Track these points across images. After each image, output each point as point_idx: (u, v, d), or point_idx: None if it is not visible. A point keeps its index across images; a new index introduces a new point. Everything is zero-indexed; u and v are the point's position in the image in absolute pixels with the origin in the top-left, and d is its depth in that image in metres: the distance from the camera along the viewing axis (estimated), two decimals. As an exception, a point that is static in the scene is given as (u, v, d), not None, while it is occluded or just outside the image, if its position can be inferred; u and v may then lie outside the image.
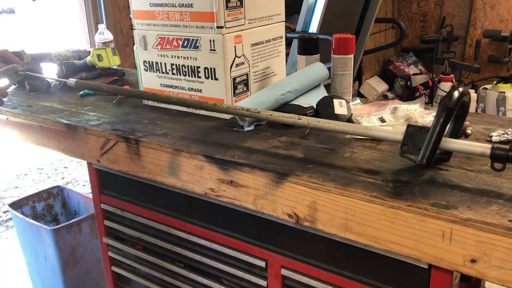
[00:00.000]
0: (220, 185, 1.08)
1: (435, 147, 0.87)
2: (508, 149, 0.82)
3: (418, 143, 0.89)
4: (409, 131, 0.92)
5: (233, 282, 1.25)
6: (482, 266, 0.78)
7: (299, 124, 1.04)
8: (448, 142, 0.90)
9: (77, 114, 1.45)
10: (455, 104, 0.86)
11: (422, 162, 0.86)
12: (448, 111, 0.86)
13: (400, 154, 0.94)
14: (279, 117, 1.06)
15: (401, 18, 5.72)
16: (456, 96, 0.86)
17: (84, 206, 2.32)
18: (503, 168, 0.84)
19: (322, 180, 0.93)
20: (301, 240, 1.07)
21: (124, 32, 3.05)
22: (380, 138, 0.98)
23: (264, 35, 1.38)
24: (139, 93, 1.31)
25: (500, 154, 0.83)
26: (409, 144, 0.92)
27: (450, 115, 0.87)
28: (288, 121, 1.05)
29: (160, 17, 1.35)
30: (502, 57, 5.02)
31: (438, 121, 0.86)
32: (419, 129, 0.91)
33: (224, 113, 1.21)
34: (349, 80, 1.42)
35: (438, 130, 0.86)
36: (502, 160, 0.83)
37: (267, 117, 1.08)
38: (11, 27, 3.72)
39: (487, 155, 0.85)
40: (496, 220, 0.76)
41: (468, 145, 0.88)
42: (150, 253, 1.43)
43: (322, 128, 1.03)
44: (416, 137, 0.91)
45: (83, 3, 2.86)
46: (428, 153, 0.87)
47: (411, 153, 0.91)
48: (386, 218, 0.86)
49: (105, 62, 1.80)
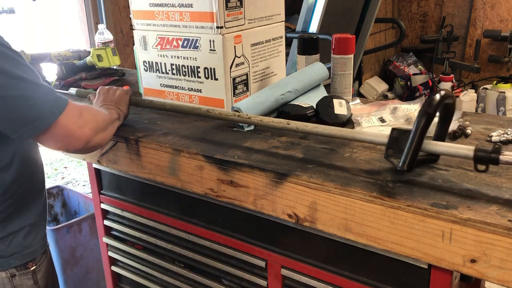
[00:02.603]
0: (220, 185, 1.08)
1: (416, 152, 0.88)
2: (490, 151, 0.83)
3: (402, 147, 0.90)
4: (394, 135, 0.93)
5: (233, 282, 1.26)
6: (482, 266, 0.78)
7: (288, 129, 1.06)
8: (433, 145, 0.91)
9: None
10: (435, 109, 0.87)
11: (403, 168, 0.88)
12: (427, 117, 0.87)
13: (385, 157, 0.95)
14: (269, 122, 1.09)
15: (401, 18, 5.72)
16: (436, 101, 0.87)
17: (84, 206, 2.32)
18: (486, 169, 0.85)
19: (322, 180, 0.93)
20: (301, 240, 1.07)
21: (124, 32, 3.05)
22: (367, 141, 0.99)
23: (264, 35, 1.38)
24: (135, 101, 1.34)
25: (482, 156, 0.84)
26: (394, 148, 0.93)
27: (429, 121, 0.87)
28: (277, 126, 1.08)
29: (160, 17, 1.35)
30: (502, 57, 5.02)
31: (418, 127, 0.87)
32: (403, 132, 0.92)
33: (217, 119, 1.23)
34: (349, 80, 1.42)
35: (418, 136, 0.87)
36: (485, 162, 0.84)
37: (257, 122, 1.10)
38: (11, 27, 3.73)
39: (470, 157, 0.85)
40: (496, 220, 0.76)
41: (452, 147, 0.89)
42: (150, 253, 1.43)
43: (310, 132, 1.05)
44: (400, 140, 0.92)
45: (83, 3, 2.86)
46: (409, 159, 0.88)
47: (396, 156, 0.92)
48: (386, 218, 0.86)
49: (105, 62, 1.80)
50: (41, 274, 1.21)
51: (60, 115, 0.99)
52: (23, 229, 1.16)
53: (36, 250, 1.20)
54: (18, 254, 1.15)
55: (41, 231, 1.23)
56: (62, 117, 1.00)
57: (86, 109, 1.09)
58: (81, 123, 1.04)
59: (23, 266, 1.17)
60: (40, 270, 1.21)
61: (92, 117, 1.09)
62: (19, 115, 0.97)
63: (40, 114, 0.98)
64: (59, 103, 1.01)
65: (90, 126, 1.06)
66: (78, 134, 1.03)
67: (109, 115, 1.18)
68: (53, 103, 0.99)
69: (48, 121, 0.98)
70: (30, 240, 1.18)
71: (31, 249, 1.18)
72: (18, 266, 1.16)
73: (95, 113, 1.12)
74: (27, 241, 1.17)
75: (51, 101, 0.99)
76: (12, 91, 0.95)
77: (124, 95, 1.30)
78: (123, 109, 1.27)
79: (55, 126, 1.00)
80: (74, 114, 1.03)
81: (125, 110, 1.28)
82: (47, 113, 0.98)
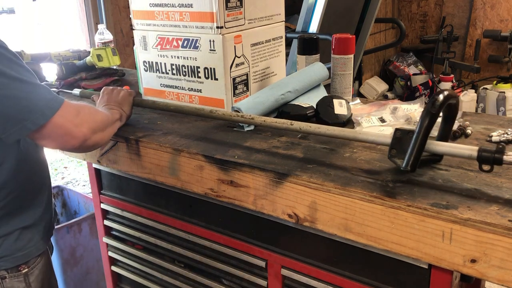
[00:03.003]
0: (220, 185, 1.08)
1: (419, 153, 0.88)
2: (494, 151, 0.83)
3: (405, 147, 0.90)
4: (397, 135, 0.93)
5: (233, 282, 1.25)
6: (482, 266, 0.78)
7: (292, 129, 1.06)
8: (436, 145, 0.91)
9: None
10: (438, 109, 0.87)
11: (407, 169, 0.87)
12: (431, 117, 0.87)
13: (389, 157, 0.94)
14: (272, 123, 1.09)
15: (401, 18, 5.72)
16: (439, 101, 0.87)
17: (84, 206, 2.32)
18: (490, 169, 0.85)
19: (322, 180, 0.93)
20: (301, 240, 1.07)
21: (124, 32, 3.05)
22: (369, 142, 0.99)
23: (264, 35, 1.38)
24: (139, 102, 1.34)
25: (487, 156, 0.84)
26: (397, 148, 0.93)
27: (433, 121, 0.87)
28: (280, 126, 1.08)
29: (160, 17, 1.35)
30: (502, 57, 5.02)
31: (421, 128, 0.87)
32: (406, 132, 0.92)
33: (220, 120, 1.23)
34: (349, 80, 1.42)
35: (422, 136, 0.87)
36: (489, 162, 0.84)
37: (261, 123, 1.10)
38: (11, 27, 3.72)
39: (474, 157, 0.85)
40: (496, 220, 0.76)
41: (456, 147, 0.89)
42: (150, 253, 1.43)
43: (313, 132, 1.05)
44: (403, 141, 0.92)
45: (83, 3, 2.86)
46: (412, 159, 0.87)
47: (399, 157, 0.92)
48: (386, 218, 0.86)
49: (105, 62, 1.80)
50: (34, 277, 1.19)
51: (54, 115, 0.99)
52: (15, 231, 1.14)
53: (30, 252, 1.17)
54: (9, 256, 1.13)
55: (38, 234, 1.20)
56: (56, 117, 0.99)
57: (84, 108, 1.09)
58: (78, 122, 1.04)
59: (14, 269, 1.15)
60: (33, 273, 1.18)
61: (90, 116, 1.09)
62: (8, 115, 0.97)
63: (30, 115, 0.97)
64: (52, 103, 1.00)
65: (87, 125, 1.05)
66: (74, 133, 1.03)
67: (110, 115, 1.18)
68: (45, 104, 0.99)
69: (38, 122, 0.98)
70: (24, 243, 1.16)
71: (24, 252, 1.16)
72: (8, 269, 1.14)
73: (94, 112, 1.12)
74: (20, 243, 1.15)
75: (43, 102, 0.99)
76: (3, 91, 0.95)
77: (128, 96, 1.30)
78: (126, 110, 1.27)
79: (48, 126, 0.99)
80: (71, 113, 1.03)
81: (128, 111, 1.28)
82: (37, 114, 0.98)
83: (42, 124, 0.99)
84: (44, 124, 0.99)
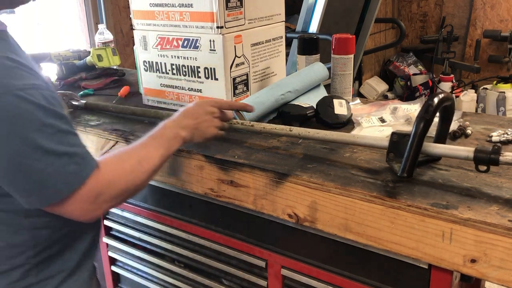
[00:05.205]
0: (220, 185, 1.08)
1: (415, 159, 0.88)
2: (490, 152, 0.83)
3: (403, 150, 0.90)
4: (394, 139, 0.93)
5: (233, 282, 1.25)
6: (482, 266, 0.78)
7: (291, 135, 1.07)
8: (434, 148, 0.91)
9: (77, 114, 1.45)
10: (432, 115, 0.87)
11: (403, 175, 0.88)
12: (425, 123, 0.87)
13: (387, 161, 0.95)
14: (272, 129, 1.09)
15: (401, 18, 5.71)
16: (433, 107, 0.87)
17: (84, 206, 2.32)
18: (487, 170, 0.85)
19: (322, 180, 0.93)
20: (301, 240, 1.07)
21: (124, 32, 3.05)
22: (368, 145, 0.99)
23: (264, 35, 1.38)
24: (142, 112, 1.34)
25: (483, 157, 0.84)
26: (394, 152, 0.93)
27: (427, 126, 0.87)
28: (280, 132, 1.09)
29: (160, 17, 1.35)
30: (502, 57, 5.01)
31: (416, 134, 0.87)
32: (403, 136, 0.92)
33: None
34: (349, 80, 1.42)
35: (416, 142, 0.87)
36: (485, 162, 0.84)
37: (261, 130, 1.11)
38: (11, 27, 3.73)
39: (470, 158, 0.86)
40: (496, 220, 0.76)
41: (452, 149, 0.89)
42: (150, 253, 1.42)
43: (313, 137, 1.05)
44: (400, 144, 0.92)
45: (83, 3, 2.86)
46: (408, 165, 0.88)
47: (397, 161, 0.92)
48: (386, 218, 0.86)
49: (105, 62, 1.80)
50: None
51: (63, 198, 0.81)
52: (59, 274, 0.96)
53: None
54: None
55: (83, 274, 1.00)
56: (65, 202, 0.82)
57: (111, 186, 0.86)
58: (92, 208, 0.85)
59: None
60: None
61: (119, 191, 0.88)
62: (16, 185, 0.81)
63: (38, 193, 0.81)
64: (64, 186, 0.81)
65: (107, 205, 0.88)
66: (84, 219, 0.87)
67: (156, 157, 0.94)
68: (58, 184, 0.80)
69: (39, 205, 0.83)
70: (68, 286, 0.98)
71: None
72: None
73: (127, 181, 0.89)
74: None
75: (56, 181, 0.80)
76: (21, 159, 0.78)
77: (214, 135, 1.06)
78: (190, 138, 1.02)
79: (53, 208, 0.84)
80: (87, 199, 0.83)
81: (193, 140, 1.04)
82: (43, 196, 0.81)
83: (44, 206, 0.83)
84: (48, 205, 0.83)
